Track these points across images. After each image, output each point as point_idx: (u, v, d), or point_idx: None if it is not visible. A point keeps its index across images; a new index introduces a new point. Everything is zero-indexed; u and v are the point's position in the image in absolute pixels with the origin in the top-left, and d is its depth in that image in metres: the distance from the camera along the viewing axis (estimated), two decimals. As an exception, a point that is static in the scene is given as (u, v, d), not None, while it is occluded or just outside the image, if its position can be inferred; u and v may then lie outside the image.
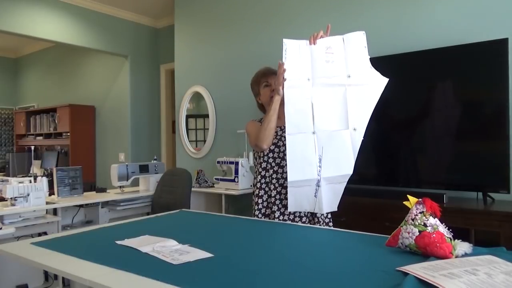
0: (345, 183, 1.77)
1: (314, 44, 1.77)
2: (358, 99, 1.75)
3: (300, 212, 1.90)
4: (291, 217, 1.90)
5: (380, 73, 1.75)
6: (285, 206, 1.89)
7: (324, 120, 1.76)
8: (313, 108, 1.76)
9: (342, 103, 1.76)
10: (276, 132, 1.97)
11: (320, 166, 1.74)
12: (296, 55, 1.78)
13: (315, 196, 1.75)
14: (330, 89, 1.77)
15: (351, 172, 1.75)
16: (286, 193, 1.83)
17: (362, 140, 1.74)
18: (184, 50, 4.44)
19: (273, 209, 1.93)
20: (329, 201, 1.77)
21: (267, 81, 2.01)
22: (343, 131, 1.75)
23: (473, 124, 2.35)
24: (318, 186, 1.75)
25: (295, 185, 1.76)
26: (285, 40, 1.78)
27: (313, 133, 1.75)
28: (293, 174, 1.74)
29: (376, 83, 1.74)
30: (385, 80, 1.74)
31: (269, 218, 1.93)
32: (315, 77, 1.77)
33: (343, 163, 1.75)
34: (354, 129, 1.75)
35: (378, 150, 2.72)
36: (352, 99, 1.75)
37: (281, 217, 1.90)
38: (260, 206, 1.97)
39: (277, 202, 1.93)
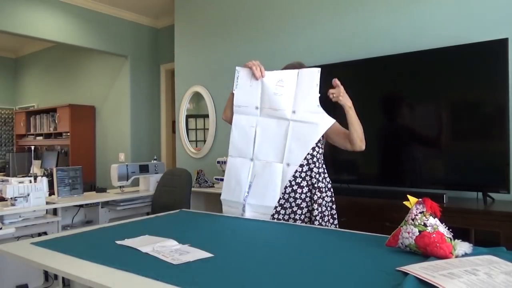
0: (269, 215, 1.79)
1: (262, 77, 1.80)
2: (298, 135, 1.77)
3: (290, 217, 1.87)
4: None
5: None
6: None
7: (263, 149, 1.82)
8: (255, 136, 1.83)
9: (283, 136, 1.79)
10: None
11: (248, 192, 1.82)
12: (247, 82, 1.84)
13: None
14: (275, 120, 1.81)
15: (273, 205, 1.78)
16: None
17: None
18: (184, 50, 4.44)
19: None
20: None
21: None
22: (277, 164, 1.80)
23: (473, 124, 2.35)
24: (243, 211, 1.83)
25: (226, 204, 1.89)
26: (238, 68, 1.86)
27: (251, 160, 1.84)
28: (225, 193, 1.89)
29: (320, 123, 1.75)
30: (332, 121, 1.75)
31: None
32: (262, 107, 1.82)
33: (268, 194, 1.79)
34: (288, 165, 1.78)
35: (378, 150, 2.72)
36: (293, 135, 1.77)
37: None
38: None
39: None
